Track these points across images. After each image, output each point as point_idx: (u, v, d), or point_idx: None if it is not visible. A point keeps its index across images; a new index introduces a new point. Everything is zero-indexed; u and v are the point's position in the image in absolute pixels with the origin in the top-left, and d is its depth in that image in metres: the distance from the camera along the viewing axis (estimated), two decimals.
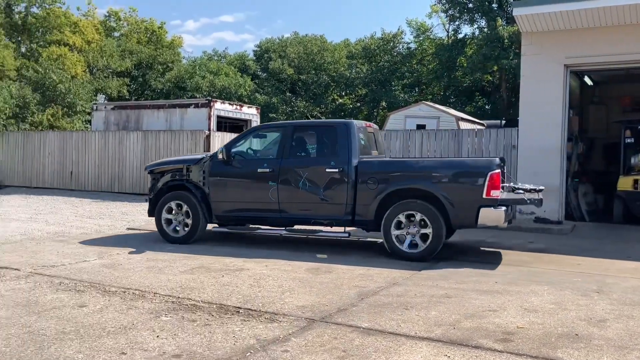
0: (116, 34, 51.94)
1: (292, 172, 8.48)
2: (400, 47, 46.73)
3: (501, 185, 7.94)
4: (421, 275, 6.92)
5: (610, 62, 11.84)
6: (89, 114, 31.16)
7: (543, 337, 4.56)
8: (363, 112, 47.69)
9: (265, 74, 49.41)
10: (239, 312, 5.22)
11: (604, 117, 16.13)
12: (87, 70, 43.28)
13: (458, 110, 29.15)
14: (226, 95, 40.24)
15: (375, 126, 9.83)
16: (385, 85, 43.96)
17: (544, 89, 11.97)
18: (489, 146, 12.82)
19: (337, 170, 8.25)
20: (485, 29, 38.60)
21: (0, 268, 6.97)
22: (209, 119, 18.81)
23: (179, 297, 5.69)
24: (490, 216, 7.54)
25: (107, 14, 52.95)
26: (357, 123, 8.70)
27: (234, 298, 5.68)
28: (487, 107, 43.98)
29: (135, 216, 12.79)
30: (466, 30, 68.47)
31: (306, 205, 8.46)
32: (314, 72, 46.46)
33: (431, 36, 45.72)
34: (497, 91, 40.99)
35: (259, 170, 8.71)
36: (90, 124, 26.08)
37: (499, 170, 7.61)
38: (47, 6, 44.21)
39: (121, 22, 52.99)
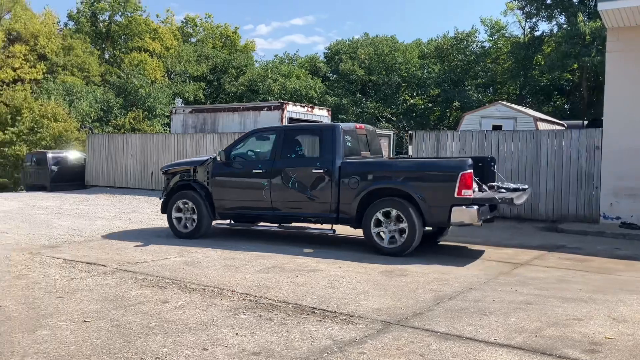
0: (193, 39, 53.78)
1: (282, 172, 9.07)
2: (474, 46, 45.70)
3: (489, 184, 8.69)
4: (499, 281, 6.72)
5: None
6: (168, 117, 32.39)
7: (634, 349, 4.32)
8: (435, 113, 46.95)
9: (335, 76, 49.59)
10: (314, 312, 5.26)
11: None
12: (165, 75, 45.05)
13: (535, 110, 28.13)
14: (297, 98, 40.73)
15: (370, 128, 10.24)
16: (458, 85, 43.10)
17: (631, 87, 11.34)
18: (570, 148, 12.28)
19: (322, 170, 8.77)
20: (565, 26, 37.04)
21: (88, 264, 7.37)
22: (282, 120, 19.09)
23: (255, 296, 5.80)
24: (463, 215, 7.80)
25: (184, 21, 55.00)
26: (344, 126, 9.25)
27: (309, 298, 5.73)
28: (565, 106, 42.25)
29: None
30: (544, 27, 66.15)
31: (296, 204, 9.04)
32: (384, 72, 46.16)
33: (506, 34, 44.39)
34: (577, 90, 39.29)
35: (254, 171, 9.35)
36: (169, 127, 27.12)
37: (470, 171, 7.85)
38: (129, 14, 46.36)
39: (197, 27, 54.86)
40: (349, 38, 53.69)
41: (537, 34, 40.99)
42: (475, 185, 8.19)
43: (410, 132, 15.69)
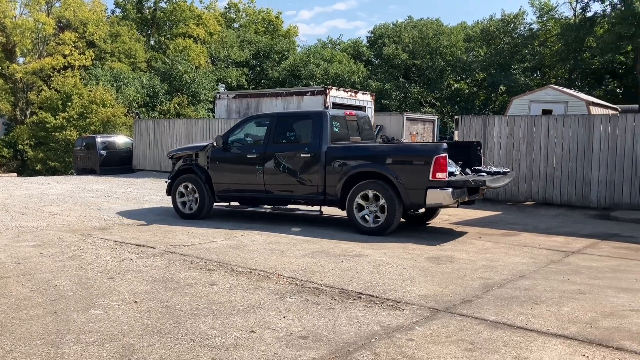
0: (235, 25, 54.08)
1: (274, 157, 9.50)
2: (522, 28, 44.32)
3: (473, 167, 9.25)
4: (550, 269, 6.54)
5: None
6: (212, 102, 32.75)
7: None
8: (480, 97, 46.00)
9: (378, 60, 49.08)
10: (360, 297, 5.24)
11: None
12: (209, 60, 45.50)
13: (586, 95, 27.18)
14: (339, 83, 40.51)
15: (362, 113, 10.68)
16: (504, 69, 41.97)
17: None
18: (625, 133, 11.81)
19: (309, 155, 9.21)
20: (619, 6, 35.52)
21: (138, 246, 7.54)
22: (325, 105, 19.00)
23: (301, 280, 5.81)
24: (437, 197, 8.16)
25: (227, 6, 55.33)
26: (332, 112, 9.75)
27: (354, 283, 5.71)
28: (618, 90, 40.67)
29: None
30: (596, 7, 63.65)
31: (286, 187, 9.50)
32: (428, 56, 45.35)
33: (556, 16, 42.85)
34: (631, 73, 37.72)
35: (249, 155, 9.79)
36: (213, 112, 27.41)
37: (445, 154, 8.18)
38: (174, 0, 46.87)
39: (240, 13, 55.10)
40: (393, 22, 53.02)
41: (589, 14, 39.40)
42: (455, 169, 8.72)
43: (456, 117, 15.38)
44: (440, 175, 8.17)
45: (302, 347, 3.98)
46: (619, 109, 22.79)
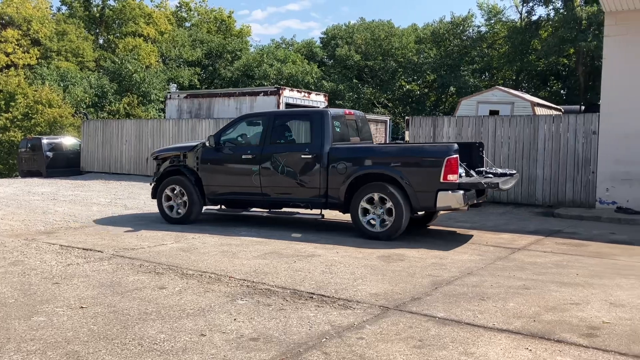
0: (187, 24, 53.33)
1: (272, 158, 9.07)
2: (471, 30, 45.47)
3: (477, 169, 8.79)
4: (496, 266, 6.72)
5: None
6: (163, 102, 32.19)
7: (632, 334, 4.33)
8: (431, 98, 46.83)
9: (332, 61, 49.33)
10: (312, 297, 5.25)
11: None
12: (160, 60, 44.70)
13: (532, 96, 28.05)
14: (293, 83, 40.50)
15: (360, 113, 10.20)
16: (454, 71, 42.90)
17: (629, 72, 11.30)
18: (567, 133, 12.26)
19: (311, 156, 8.79)
20: (562, 10, 36.87)
21: (85, 250, 7.34)
22: (278, 106, 18.99)
23: (253, 282, 5.78)
24: (448, 199, 7.86)
25: (178, 5, 54.50)
26: (333, 111, 9.23)
27: (307, 284, 5.72)
28: (562, 91, 42.16)
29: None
30: (541, 11, 65.79)
31: (285, 189, 9.07)
32: (381, 58, 45.91)
33: (503, 19, 44.12)
34: (573, 75, 39.18)
35: (244, 156, 9.33)
36: (164, 112, 26.96)
37: (456, 156, 7.88)
38: None
39: (192, 12, 54.36)
40: (345, 23, 53.34)
41: (534, 18, 40.80)
42: (462, 170, 8.28)
43: (407, 117, 15.62)
44: (452, 177, 7.84)
45: (252, 349, 3.97)
46: (562, 110, 23.63)
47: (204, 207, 9.90)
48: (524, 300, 5.22)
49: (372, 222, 8.35)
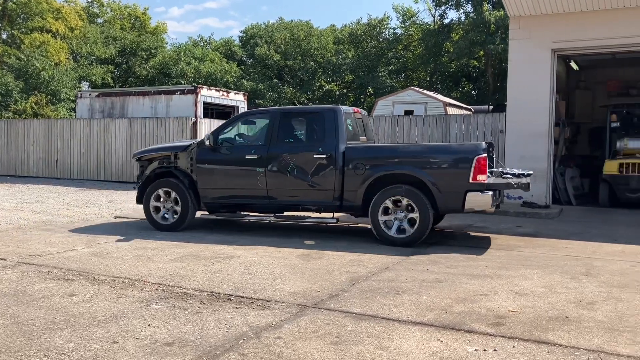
0: (99, 20, 51.18)
1: (280, 158, 8.43)
2: (387, 32, 46.60)
3: (489, 170, 7.97)
4: (411, 260, 6.93)
5: (596, 47, 11.88)
6: (74, 101, 30.74)
7: (534, 321, 4.59)
8: (350, 99, 47.56)
9: (251, 60, 48.98)
10: (230, 299, 5.20)
11: (590, 101, 16.24)
12: (70, 57, 42.67)
13: (445, 96, 29.15)
14: (212, 82, 39.88)
15: (364, 112, 9.83)
16: (371, 71, 43.82)
17: (532, 74, 11.99)
18: (477, 131, 12.84)
19: (324, 156, 8.20)
20: (472, 14, 38.55)
21: None
22: (195, 105, 18.64)
23: (169, 285, 5.65)
24: (477, 201, 7.53)
25: (89, 0, 52.13)
26: (345, 109, 8.68)
27: (225, 286, 5.65)
28: (473, 92, 44.07)
29: (122, 204, 12.68)
30: (452, 15, 68.51)
31: (294, 192, 8.44)
32: (300, 58, 46.13)
33: (417, 21, 45.55)
34: (483, 76, 41.07)
35: (247, 156, 8.65)
36: (75, 112, 25.76)
37: (485, 155, 7.58)
38: None
39: (104, 8, 52.22)
40: (265, 22, 53.12)
41: (446, 21, 42.41)
42: None
43: None
44: (481, 178, 7.47)
45: (167, 354, 3.87)
46: (473, 110, 24.68)
47: (197, 212, 9.25)
48: (436, 293, 5.42)
49: (391, 224, 7.86)
